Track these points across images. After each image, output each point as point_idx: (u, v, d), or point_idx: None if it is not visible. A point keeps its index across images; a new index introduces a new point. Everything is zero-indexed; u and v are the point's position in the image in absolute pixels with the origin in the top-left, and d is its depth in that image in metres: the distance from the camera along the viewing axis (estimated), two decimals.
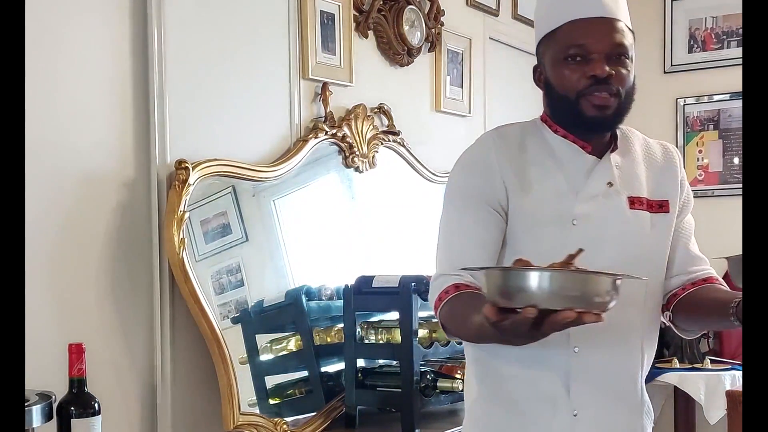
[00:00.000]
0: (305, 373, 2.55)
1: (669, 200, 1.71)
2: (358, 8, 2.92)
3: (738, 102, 4.17)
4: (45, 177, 1.96)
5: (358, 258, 2.75)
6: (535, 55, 1.70)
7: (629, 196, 1.67)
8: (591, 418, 1.63)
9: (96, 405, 1.81)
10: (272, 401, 2.44)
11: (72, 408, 1.79)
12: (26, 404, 1.61)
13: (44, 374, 1.83)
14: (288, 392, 2.51)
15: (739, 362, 3.68)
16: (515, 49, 3.76)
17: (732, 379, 3.54)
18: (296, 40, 2.66)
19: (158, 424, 2.19)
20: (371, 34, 3.00)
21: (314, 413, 2.53)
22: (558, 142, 1.68)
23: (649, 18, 4.33)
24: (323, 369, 2.59)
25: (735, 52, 4.18)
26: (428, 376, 2.50)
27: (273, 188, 2.53)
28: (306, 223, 2.64)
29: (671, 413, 3.85)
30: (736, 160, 4.23)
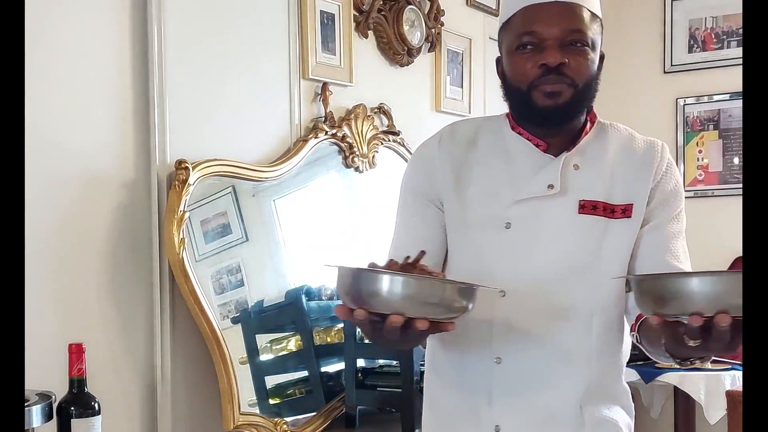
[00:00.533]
0: (305, 373, 2.55)
1: (634, 204, 1.55)
2: (358, 8, 2.92)
3: (738, 102, 4.17)
4: (45, 177, 1.96)
5: (358, 258, 2.74)
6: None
7: (580, 200, 1.53)
8: None
9: (96, 405, 1.81)
10: (272, 401, 2.44)
11: (72, 408, 1.79)
12: (26, 404, 1.61)
13: (44, 374, 1.83)
14: (288, 392, 2.51)
15: (739, 362, 3.68)
16: None
17: (732, 379, 3.54)
18: (296, 40, 2.66)
19: (158, 424, 2.19)
20: (371, 34, 3.00)
21: (314, 413, 2.53)
22: (513, 140, 1.58)
23: (649, 18, 4.32)
24: (323, 369, 2.59)
25: (735, 52, 4.17)
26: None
27: (273, 188, 2.53)
28: (306, 223, 2.64)
29: (671, 413, 3.85)
30: (736, 160, 4.23)
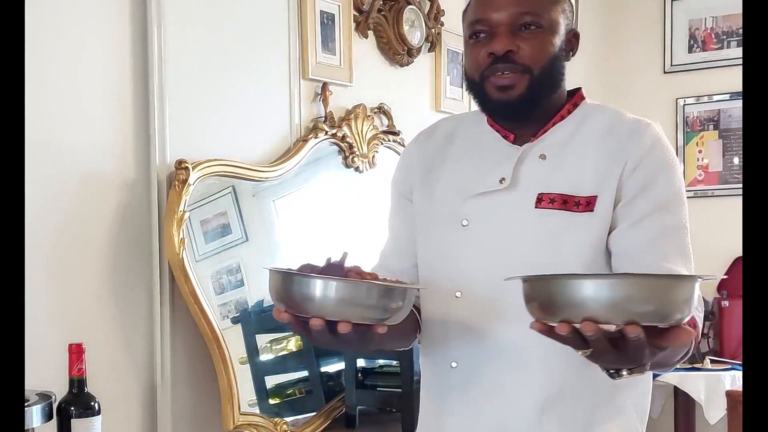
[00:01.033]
0: (305, 373, 2.55)
1: (598, 196, 1.40)
2: (358, 8, 2.92)
3: (738, 102, 4.18)
4: (45, 177, 1.96)
5: (358, 258, 2.74)
6: None
7: (539, 193, 1.41)
8: None
9: (96, 405, 1.81)
10: (272, 401, 2.44)
11: (72, 408, 1.79)
12: (26, 404, 1.60)
13: (44, 374, 1.83)
14: (288, 392, 2.51)
15: (739, 362, 3.68)
16: None
17: (732, 379, 3.54)
18: (296, 40, 2.66)
19: (158, 424, 2.19)
20: (371, 34, 3.00)
21: (314, 413, 2.53)
22: (487, 133, 1.50)
23: (649, 18, 4.33)
24: (323, 369, 2.59)
25: (735, 52, 4.18)
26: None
27: (273, 188, 2.53)
28: (306, 223, 2.64)
29: (671, 413, 3.85)
30: (736, 160, 4.23)
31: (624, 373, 1.17)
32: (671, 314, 1.09)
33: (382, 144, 2.94)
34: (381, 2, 2.99)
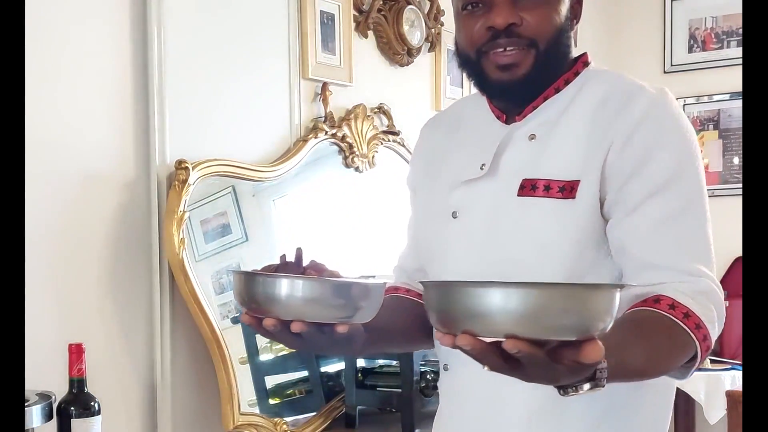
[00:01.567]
0: (305, 373, 2.55)
1: (581, 181, 1.22)
2: (358, 8, 2.92)
3: (738, 102, 4.18)
4: (45, 177, 1.96)
5: (358, 258, 2.75)
6: None
7: (524, 179, 1.26)
8: None
9: (96, 405, 1.81)
10: (272, 401, 2.44)
11: (72, 408, 1.79)
12: (26, 404, 1.61)
13: (44, 374, 1.83)
14: (288, 392, 2.51)
15: (739, 362, 3.68)
16: None
17: (732, 379, 3.54)
18: (296, 40, 2.66)
19: (158, 424, 2.19)
20: (371, 34, 3.00)
21: (314, 413, 2.53)
22: (486, 113, 1.36)
23: (649, 18, 4.33)
24: (323, 369, 2.59)
25: (735, 52, 4.18)
26: (428, 376, 2.50)
27: (273, 188, 2.53)
28: (306, 223, 2.64)
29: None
30: (736, 160, 4.23)
31: (570, 391, 0.99)
32: (574, 327, 0.90)
33: (382, 144, 2.94)
34: (381, 2, 2.99)
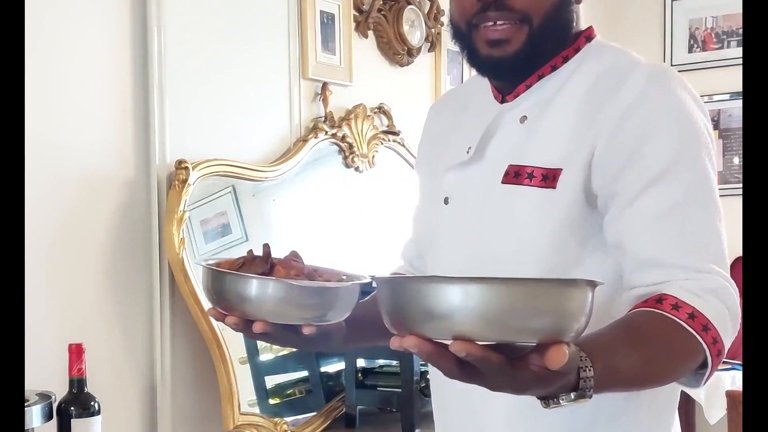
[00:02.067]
0: (305, 373, 2.55)
1: (563, 169, 1.13)
2: (358, 8, 2.92)
3: (738, 102, 4.17)
4: (45, 177, 1.96)
5: (358, 258, 2.75)
6: None
7: (510, 165, 1.17)
8: None
9: (96, 405, 1.81)
10: (272, 401, 2.43)
11: (72, 408, 1.79)
12: (26, 404, 1.61)
13: (44, 374, 1.83)
14: (288, 392, 2.51)
15: (739, 362, 3.68)
16: None
17: (732, 379, 3.54)
18: (296, 40, 2.66)
19: (158, 424, 2.19)
20: (371, 34, 3.00)
21: (314, 413, 2.53)
22: (487, 93, 1.27)
23: (649, 18, 4.32)
24: (323, 369, 2.59)
25: (735, 52, 4.18)
26: (428, 376, 2.50)
27: (273, 188, 2.53)
28: (306, 223, 2.64)
29: None
30: (736, 160, 4.23)
31: (551, 402, 0.90)
32: (536, 329, 0.81)
33: (382, 144, 2.94)
34: (381, 2, 2.99)
